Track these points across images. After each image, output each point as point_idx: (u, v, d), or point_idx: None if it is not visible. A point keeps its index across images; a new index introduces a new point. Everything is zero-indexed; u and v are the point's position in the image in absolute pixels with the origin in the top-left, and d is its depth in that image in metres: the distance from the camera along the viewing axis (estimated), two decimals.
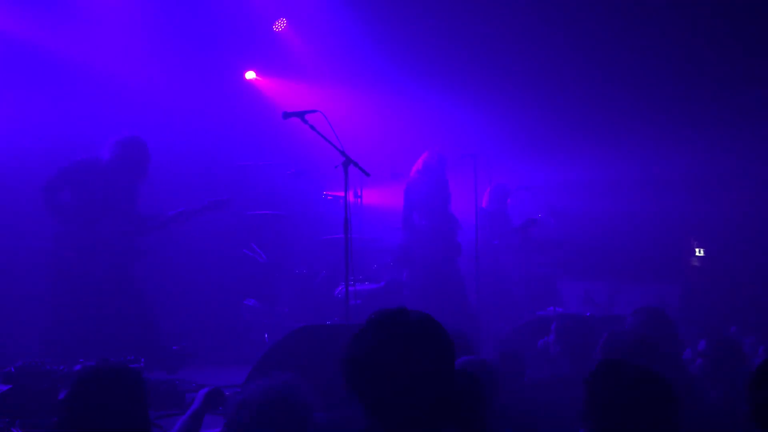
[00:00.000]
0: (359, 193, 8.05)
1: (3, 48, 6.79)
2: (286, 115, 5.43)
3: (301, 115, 5.40)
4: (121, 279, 5.78)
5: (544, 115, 9.00)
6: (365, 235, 7.87)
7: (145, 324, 5.80)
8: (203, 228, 7.53)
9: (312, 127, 5.36)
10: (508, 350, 4.35)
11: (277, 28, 8.60)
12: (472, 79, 8.91)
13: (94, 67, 7.19)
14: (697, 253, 8.75)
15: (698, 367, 4.15)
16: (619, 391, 2.38)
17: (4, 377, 4.11)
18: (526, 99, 8.95)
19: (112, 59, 7.27)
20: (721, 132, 8.48)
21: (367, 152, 6.70)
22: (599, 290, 7.97)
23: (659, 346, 4.06)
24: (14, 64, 6.86)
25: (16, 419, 3.83)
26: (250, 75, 8.65)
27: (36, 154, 6.59)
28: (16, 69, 6.86)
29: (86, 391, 2.55)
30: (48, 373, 4.13)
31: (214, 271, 7.56)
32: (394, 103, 8.87)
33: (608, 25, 8.41)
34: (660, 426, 2.34)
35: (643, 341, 3.81)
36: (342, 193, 5.45)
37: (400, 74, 8.68)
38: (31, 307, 6.25)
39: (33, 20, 6.92)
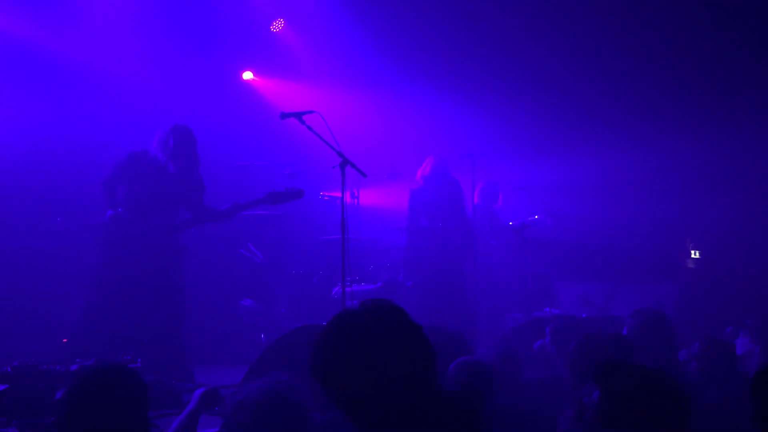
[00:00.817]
0: (356, 194, 8.06)
1: (2, 48, 6.79)
2: (284, 115, 5.44)
3: (298, 115, 5.40)
4: (166, 275, 5.73)
5: (542, 115, 9.02)
6: (362, 236, 7.88)
7: (177, 324, 5.77)
8: (199, 228, 7.54)
9: (309, 128, 5.36)
10: (505, 350, 4.36)
11: (274, 28, 8.61)
12: (469, 79, 8.93)
13: (93, 68, 7.21)
14: (692, 255, 8.77)
15: (692, 368, 4.17)
16: (633, 396, 2.36)
17: (1, 377, 4.10)
18: (523, 99, 8.97)
19: (110, 60, 7.28)
20: (717, 134, 8.50)
21: (364, 153, 6.71)
22: (596, 291, 7.99)
23: (646, 348, 4.08)
24: (13, 64, 6.87)
25: (12, 419, 3.82)
26: (247, 75, 8.66)
27: (36, 154, 6.61)
28: (15, 69, 6.87)
29: (86, 392, 2.55)
30: (45, 373, 4.12)
31: (210, 271, 7.56)
32: (391, 104, 8.88)
33: (605, 26, 8.44)
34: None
35: (618, 341, 3.82)
36: (339, 194, 5.45)
37: (398, 75, 8.70)
38: (29, 307, 6.26)
39: (32, 21, 6.93)
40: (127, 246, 5.62)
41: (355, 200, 8.06)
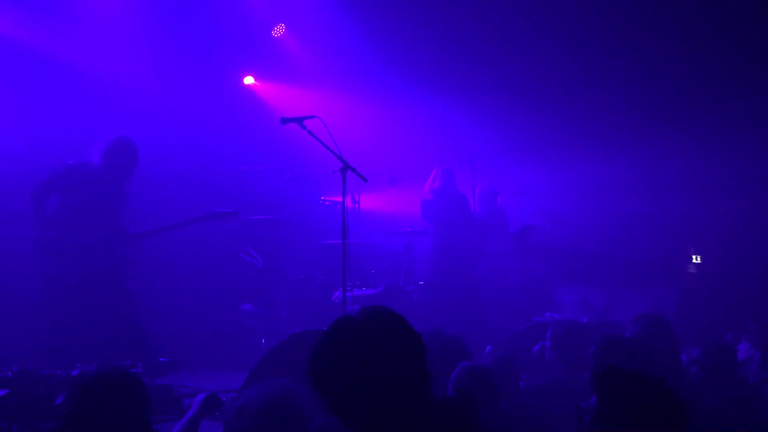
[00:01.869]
0: (357, 199, 8.07)
1: (3, 50, 6.81)
2: (285, 120, 5.44)
3: (299, 120, 5.41)
4: (108, 284, 5.66)
5: (541, 120, 9.02)
6: (363, 241, 7.89)
7: (133, 330, 5.69)
8: (200, 233, 7.53)
9: (310, 133, 5.37)
10: (501, 356, 4.36)
11: (275, 33, 8.63)
12: (470, 85, 8.94)
13: (94, 72, 7.22)
14: (693, 260, 8.77)
15: (693, 373, 4.17)
16: (629, 402, 2.37)
17: (2, 382, 4.11)
18: (523, 104, 8.98)
19: (111, 64, 7.29)
20: (717, 138, 8.50)
21: (365, 158, 6.72)
22: (596, 296, 7.98)
23: (656, 352, 4.08)
24: (14, 67, 6.88)
25: (13, 424, 3.83)
26: (248, 80, 8.67)
27: (34, 158, 6.60)
28: (16, 72, 6.88)
29: (89, 396, 2.55)
30: (45, 378, 4.12)
31: (211, 276, 7.56)
32: (392, 109, 8.89)
33: (604, 30, 8.45)
34: None
35: (638, 347, 3.83)
36: (340, 199, 5.45)
37: (398, 81, 8.71)
38: (28, 312, 6.25)
39: (31, 23, 6.94)
40: (63, 261, 5.54)
41: (356, 205, 8.07)
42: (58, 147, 6.62)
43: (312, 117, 5.42)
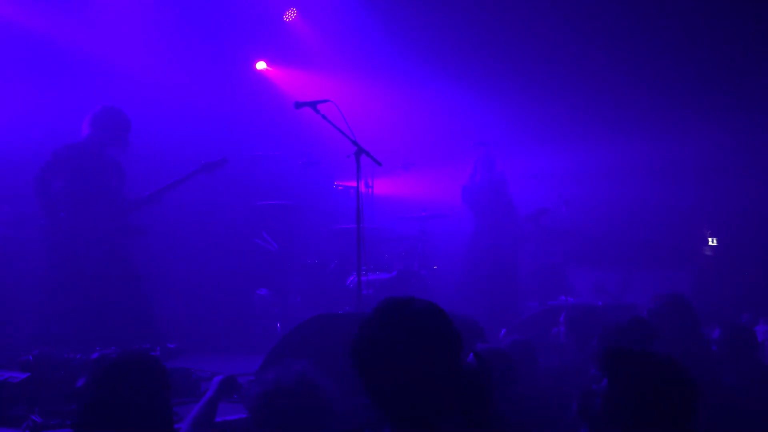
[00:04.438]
0: (370, 183, 8.06)
1: (13, 40, 6.82)
2: (298, 104, 5.44)
3: (312, 104, 5.40)
4: (116, 266, 5.65)
5: (555, 102, 8.96)
6: (377, 225, 7.89)
7: (142, 313, 5.70)
8: (215, 218, 7.58)
9: (324, 117, 5.37)
10: (519, 340, 4.36)
11: (287, 18, 8.61)
12: (483, 67, 8.89)
13: (106, 59, 7.22)
14: (709, 242, 8.72)
15: (713, 353, 4.17)
16: (639, 382, 2.36)
17: (22, 366, 4.16)
18: (537, 87, 8.92)
19: (123, 51, 7.29)
20: (734, 120, 8.42)
21: (379, 142, 6.71)
22: (611, 279, 7.96)
23: (676, 331, 4.07)
24: (24, 56, 6.89)
25: (34, 407, 3.88)
26: (261, 65, 8.66)
27: (47, 147, 6.65)
28: (25, 61, 6.89)
29: (110, 379, 2.58)
30: (65, 362, 4.17)
31: (226, 261, 7.60)
32: (405, 92, 8.86)
33: (620, 12, 8.36)
34: (678, 420, 2.32)
35: (640, 325, 3.81)
36: (353, 183, 5.45)
37: (411, 64, 8.67)
38: (38, 297, 6.29)
39: (41, 10, 6.95)
40: (76, 243, 5.53)
41: (370, 189, 8.06)
42: (69, 136, 6.66)
43: (325, 101, 5.42)
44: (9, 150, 6.54)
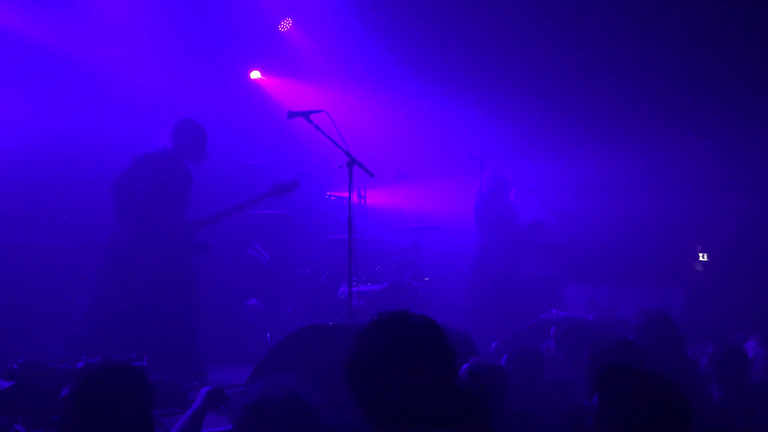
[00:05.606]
0: (363, 194, 8.05)
1: (12, 46, 6.81)
2: (291, 114, 5.44)
3: (306, 114, 5.40)
4: (179, 274, 5.69)
5: (549, 116, 8.98)
6: (369, 236, 7.87)
7: (191, 323, 5.75)
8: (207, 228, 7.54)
9: (317, 127, 5.36)
10: (521, 351, 4.29)
11: (282, 28, 8.62)
12: (477, 80, 8.91)
13: (101, 66, 7.21)
14: (700, 258, 8.73)
15: (703, 369, 4.16)
16: (631, 400, 2.34)
17: (7, 374, 4.11)
18: (530, 100, 8.94)
19: (118, 58, 7.29)
20: (726, 135, 8.45)
21: (372, 153, 6.70)
22: (603, 294, 7.95)
23: (660, 348, 4.06)
24: (21, 61, 6.88)
25: (18, 416, 3.83)
26: (255, 75, 8.66)
27: (42, 152, 6.62)
28: (22, 66, 6.88)
29: (90, 389, 2.55)
30: (50, 371, 4.12)
31: (217, 270, 7.55)
32: (399, 104, 8.87)
33: (613, 26, 8.40)
34: None
35: (629, 348, 3.79)
36: (346, 194, 5.44)
37: (406, 75, 8.68)
38: (33, 305, 6.26)
39: (38, 17, 6.94)
40: (139, 249, 5.54)
41: (362, 200, 8.05)
42: (65, 141, 6.64)
43: (319, 111, 5.42)
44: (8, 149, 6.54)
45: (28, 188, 6.63)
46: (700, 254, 8.76)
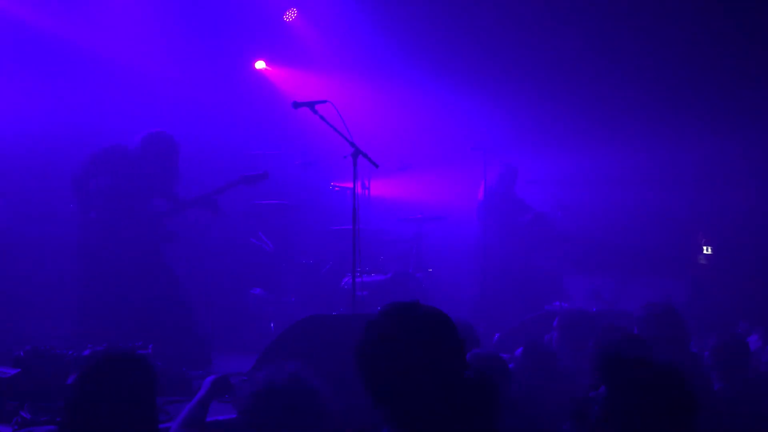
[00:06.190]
0: (367, 185, 8.06)
1: (20, 39, 6.82)
2: (296, 104, 5.44)
3: (310, 105, 5.41)
4: (152, 263, 5.73)
5: (553, 107, 8.96)
6: (373, 227, 7.88)
7: (179, 310, 5.77)
8: (210, 216, 7.55)
9: (321, 118, 5.37)
10: (533, 346, 4.30)
11: (287, 17, 8.60)
12: (482, 70, 8.89)
13: (105, 56, 7.21)
14: (704, 251, 8.72)
15: (705, 361, 4.17)
16: (638, 390, 2.35)
17: (14, 361, 4.14)
18: (534, 91, 8.92)
19: (123, 50, 7.28)
20: (731, 128, 8.42)
21: (376, 144, 6.70)
22: (606, 285, 7.95)
23: (663, 340, 4.07)
24: (23, 52, 6.88)
25: (25, 402, 3.86)
26: (260, 65, 8.65)
27: (46, 142, 6.63)
28: (25, 57, 6.88)
29: (95, 377, 2.57)
30: (57, 358, 4.15)
31: (221, 260, 7.58)
32: (403, 94, 8.85)
33: (620, 18, 8.37)
34: (677, 428, 2.32)
35: (634, 338, 3.80)
36: (350, 184, 5.45)
37: (410, 66, 8.66)
38: (41, 293, 6.30)
39: (45, 9, 6.93)
40: (109, 241, 5.57)
41: (366, 191, 8.06)
42: (70, 131, 6.65)
43: (324, 101, 5.42)
44: (7, 147, 6.55)
45: (29, 177, 6.65)
46: (704, 247, 8.75)
